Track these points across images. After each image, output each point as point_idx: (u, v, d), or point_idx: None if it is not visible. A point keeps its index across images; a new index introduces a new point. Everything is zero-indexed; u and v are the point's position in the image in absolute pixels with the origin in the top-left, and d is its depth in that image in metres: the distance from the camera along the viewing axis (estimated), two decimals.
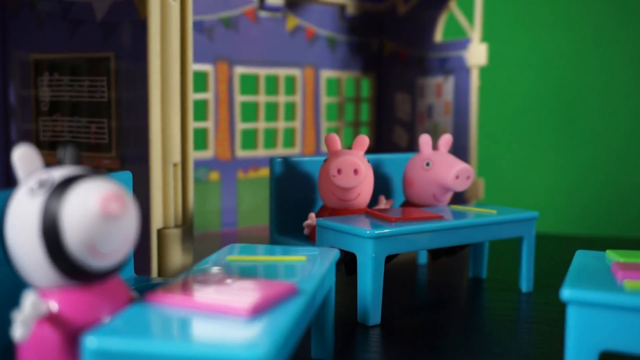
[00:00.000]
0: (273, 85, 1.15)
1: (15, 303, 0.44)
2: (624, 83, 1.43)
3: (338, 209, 0.77)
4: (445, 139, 0.86)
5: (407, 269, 0.90)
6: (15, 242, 0.39)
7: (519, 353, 0.60)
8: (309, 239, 0.78)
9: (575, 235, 1.28)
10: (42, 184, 0.39)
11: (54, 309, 0.39)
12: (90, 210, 0.37)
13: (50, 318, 0.39)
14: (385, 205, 0.85)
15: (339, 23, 1.21)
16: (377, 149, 1.27)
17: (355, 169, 0.73)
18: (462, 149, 1.10)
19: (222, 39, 1.06)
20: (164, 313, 0.40)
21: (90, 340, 0.36)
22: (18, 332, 0.38)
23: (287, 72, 1.15)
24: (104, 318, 0.40)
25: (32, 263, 0.39)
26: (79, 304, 0.40)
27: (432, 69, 1.16)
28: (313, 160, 0.85)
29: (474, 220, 0.74)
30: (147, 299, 0.42)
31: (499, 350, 0.61)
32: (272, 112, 1.16)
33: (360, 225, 0.67)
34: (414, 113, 1.20)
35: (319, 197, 0.81)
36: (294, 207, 0.83)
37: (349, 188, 0.74)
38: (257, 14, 1.10)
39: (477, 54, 1.08)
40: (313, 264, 0.54)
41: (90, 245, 0.38)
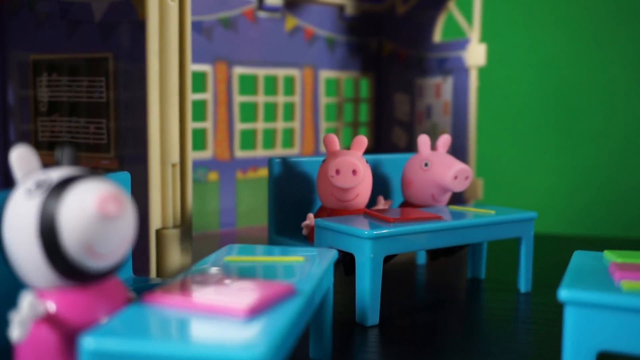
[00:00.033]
0: (272, 86, 1.15)
1: (13, 303, 0.44)
2: (623, 83, 1.43)
3: (336, 210, 0.77)
4: (444, 140, 0.86)
5: (405, 270, 0.90)
6: (13, 242, 0.39)
7: (517, 353, 0.60)
8: (308, 240, 0.78)
9: (574, 236, 1.28)
10: (39, 185, 0.39)
11: (52, 310, 0.39)
12: (88, 211, 0.37)
13: (48, 318, 0.39)
14: (384, 206, 0.85)
15: (338, 23, 1.21)
16: (376, 150, 1.27)
17: (354, 170, 0.73)
18: (460, 149, 1.10)
19: (221, 40, 1.06)
20: (162, 314, 0.40)
21: (88, 341, 0.36)
22: (15, 332, 0.38)
23: (286, 72, 1.15)
24: (102, 319, 0.40)
25: (29, 264, 0.39)
26: (77, 305, 0.40)
27: (431, 70, 1.16)
28: (311, 161, 0.85)
29: (473, 221, 0.74)
30: (144, 300, 0.42)
31: (497, 351, 0.61)
32: (271, 112, 1.16)
33: (359, 226, 0.67)
34: (413, 113, 1.20)
35: (318, 197, 0.81)
36: (293, 207, 0.83)
37: (348, 188, 0.74)
38: (255, 15, 1.10)
39: (475, 54, 1.08)
40: (311, 265, 0.54)
41: (88, 246, 0.38)
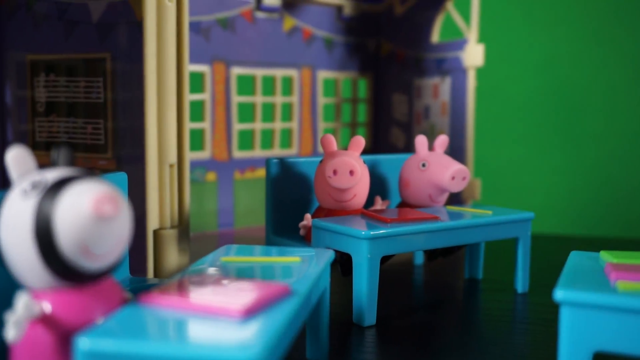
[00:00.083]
0: (270, 86, 1.15)
1: (9, 304, 0.45)
2: (622, 83, 1.43)
3: (334, 210, 0.77)
4: (441, 140, 0.86)
5: (402, 270, 0.90)
6: (9, 243, 0.39)
7: (515, 354, 0.60)
8: (305, 240, 0.78)
9: (573, 236, 1.28)
10: (35, 186, 0.39)
11: (47, 310, 0.39)
12: (83, 212, 0.37)
13: (43, 319, 0.39)
14: (382, 206, 0.85)
15: (336, 24, 1.21)
16: (374, 150, 1.28)
17: (351, 170, 0.73)
18: (458, 150, 1.10)
19: (219, 40, 1.06)
20: (157, 314, 0.40)
21: (83, 341, 0.36)
22: (11, 333, 0.38)
23: (284, 72, 1.16)
24: (97, 319, 0.40)
25: (25, 264, 0.39)
26: (72, 305, 0.40)
27: (429, 70, 1.16)
28: (309, 161, 0.85)
29: (470, 221, 0.74)
30: (140, 300, 0.42)
31: (495, 351, 0.61)
32: (269, 112, 1.16)
33: (356, 226, 0.67)
34: (411, 114, 1.20)
35: (315, 197, 0.81)
36: (290, 207, 0.83)
37: (345, 189, 0.74)
38: (254, 15, 1.10)
39: (473, 55, 1.08)
40: (308, 265, 0.54)
41: (83, 247, 0.38)
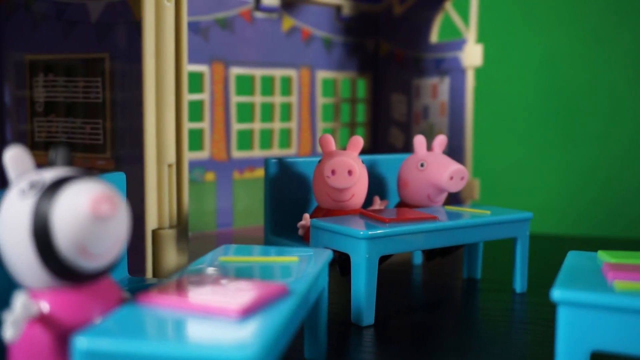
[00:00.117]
0: (269, 86, 1.15)
1: (6, 304, 0.45)
2: (621, 84, 1.43)
3: (332, 210, 0.77)
4: (440, 140, 0.86)
5: (401, 270, 0.90)
6: (6, 243, 0.39)
7: (513, 353, 0.60)
8: (304, 240, 0.78)
9: (571, 236, 1.28)
10: (33, 185, 0.39)
11: (45, 310, 0.39)
12: (81, 212, 0.37)
13: (41, 319, 0.39)
14: (380, 206, 0.85)
15: (335, 24, 1.21)
16: (373, 150, 1.28)
17: (349, 170, 0.73)
18: (457, 150, 1.10)
19: (217, 40, 1.06)
20: (155, 314, 0.40)
21: (81, 341, 0.36)
22: (8, 332, 0.38)
23: (283, 72, 1.16)
24: (95, 319, 0.40)
25: (23, 264, 0.39)
26: (70, 305, 0.40)
27: (427, 70, 1.16)
28: (308, 161, 0.85)
29: (468, 221, 0.74)
30: (138, 300, 0.42)
31: (493, 351, 0.61)
32: (268, 112, 1.16)
33: (354, 226, 0.67)
34: (410, 114, 1.20)
35: (314, 197, 0.81)
36: (289, 207, 0.83)
37: (343, 189, 0.74)
38: (252, 15, 1.10)
39: (472, 55, 1.08)
40: (306, 265, 0.54)
41: (81, 247, 0.38)
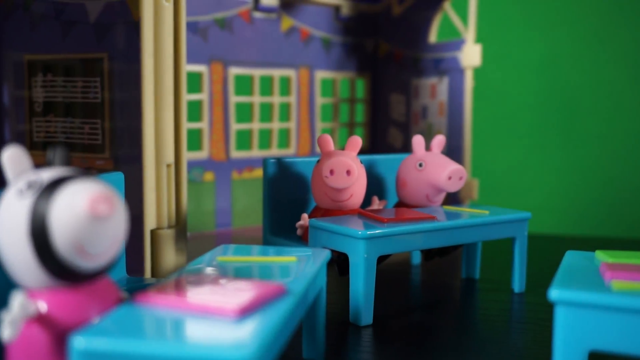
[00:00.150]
0: (268, 86, 1.15)
1: (4, 303, 0.45)
2: (620, 84, 1.44)
3: (331, 210, 0.77)
4: (438, 140, 0.86)
5: (399, 270, 0.90)
6: (4, 242, 0.39)
7: (511, 353, 0.60)
8: (302, 240, 0.78)
9: (570, 236, 1.28)
10: (30, 185, 0.39)
11: (43, 310, 0.39)
12: (79, 212, 0.37)
13: (39, 318, 0.39)
14: (379, 206, 0.85)
15: (334, 24, 1.22)
16: (372, 150, 1.28)
17: (348, 170, 0.73)
18: (456, 150, 1.10)
19: (216, 40, 1.06)
20: (153, 313, 0.40)
21: (78, 341, 0.36)
22: (6, 332, 0.38)
23: (281, 72, 1.16)
24: (93, 318, 0.41)
25: (20, 264, 0.39)
26: (68, 305, 0.40)
27: (426, 70, 1.16)
28: (306, 161, 0.85)
29: (467, 221, 0.74)
30: (136, 300, 0.42)
31: (491, 351, 0.61)
32: (266, 112, 1.16)
33: (353, 226, 0.68)
34: (409, 114, 1.21)
35: (312, 197, 0.81)
36: (287, 207, 0.83)
37: (342, 189, 0.74)
38: (251, 15, 1.10)
39: (471, 55, 1.08)
40: (304, 265, 0.54)
41: (79, 246, 0.38)
